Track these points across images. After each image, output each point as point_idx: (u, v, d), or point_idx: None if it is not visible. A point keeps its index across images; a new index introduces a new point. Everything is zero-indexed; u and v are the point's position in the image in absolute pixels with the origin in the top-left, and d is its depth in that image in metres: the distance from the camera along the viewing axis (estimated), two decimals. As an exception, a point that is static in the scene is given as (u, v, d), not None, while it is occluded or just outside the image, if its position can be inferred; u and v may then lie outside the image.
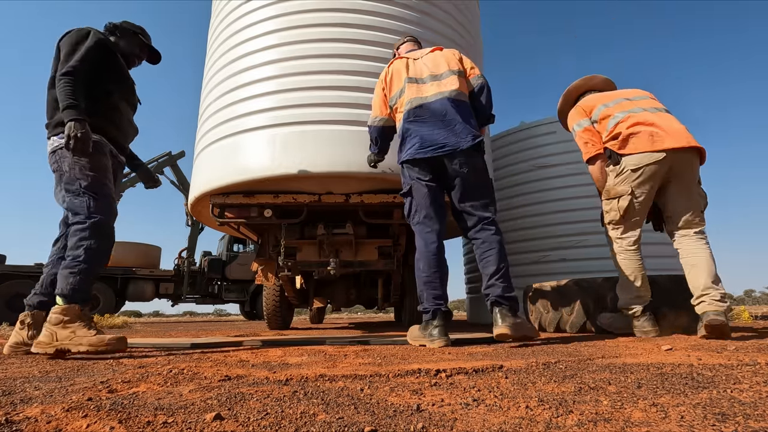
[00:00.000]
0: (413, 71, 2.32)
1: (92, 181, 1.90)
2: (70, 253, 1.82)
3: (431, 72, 2.29)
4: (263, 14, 3.15)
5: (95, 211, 1.86)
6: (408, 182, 2.22)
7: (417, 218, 2.18)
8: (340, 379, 1.13)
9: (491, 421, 0.72)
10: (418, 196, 2.18)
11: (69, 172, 1.89)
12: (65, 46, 1.97)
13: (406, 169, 2.23)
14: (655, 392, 0.91)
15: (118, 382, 1.12)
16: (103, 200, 1.91)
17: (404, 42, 2.65)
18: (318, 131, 2.82)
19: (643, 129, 2.24)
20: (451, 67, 2.28)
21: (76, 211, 1.86)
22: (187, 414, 0.78)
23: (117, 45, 2.21)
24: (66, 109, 1.82)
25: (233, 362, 1.52)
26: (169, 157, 12.31)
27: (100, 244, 1.86)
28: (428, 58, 2.36)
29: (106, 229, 1.90)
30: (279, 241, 3.40)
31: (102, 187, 1.93)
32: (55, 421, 0.74)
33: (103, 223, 1.88)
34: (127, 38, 2.27)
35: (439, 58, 2.34)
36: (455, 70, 2.27)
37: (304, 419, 0.74)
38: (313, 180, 2.85)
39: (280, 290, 4.39)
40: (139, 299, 10.38)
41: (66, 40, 1.98)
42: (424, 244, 2.13)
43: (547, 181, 4.58)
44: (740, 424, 0.68)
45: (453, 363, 1.36)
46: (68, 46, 1.95)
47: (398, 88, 2.32)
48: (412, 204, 2.22)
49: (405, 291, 4.24)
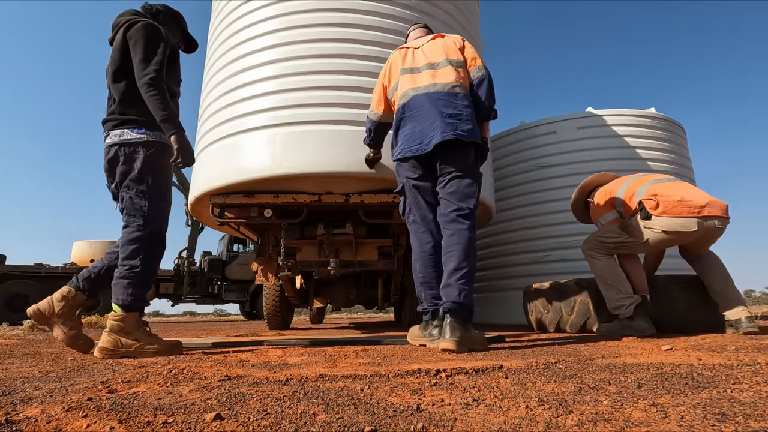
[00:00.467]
0: (410, 61, 2.23)
1: (158, 186, 1.90)
2: (126, 263, 1.80)
3: (428, 61, 2.18)
4: (263, 14, 3.15)
5: (153, 219, 1.86)
6: (401, 181, 2.17)
7: (411, 218, 2.14)
8: (340, 379, 1.13)
9: (491, 421, 0.72)
10: (411, 195, 2.13)
11: (138, 172, 1.85)
12: (139, 42, 1.86)
13: (399, 167, 2.17)
14: (655, 392, 0.91)
15: (118, 382, 1.12)
16: (161, 206, 1.92)
17: (414, 29, 2.55)
18: (318, 131, 2.82)
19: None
20: (449, 56, 2.17)
21: (133, 212, 1.84)
22: (187, 414, 0.78)
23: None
24: (164, 122, 1.80)
25: (233, 362, 1.52)
26: (169, 157, 12.30)
27: (155, 252, 1.87)
28: (428, 47, 2.24)
29: (160, 237, 1.91)
30: (279, 241, 3.40)
31: (165, 192, 1.95)
32: (55, 421, 0.74)
33: (157, 233, 1.88)
34: (168, 26, 2.13)
35: (437, 47, 2.22)
36: (454, 60, 2.16)
37: (304, 419, 0.74)
38: (313, 180, 2.85)
39: (280, 290, 4.39)
40: (139, 299, 10.36)
41: (137, 34, 1.87)
42: (419, 243, 2.08)
43: (547, 181, 4.58)
44: (740, 424, 0.68)
45: (453, 363, 1.36)
46: (143, 45, 1.85)
47: (395, 80, 2.25)
48: (406, 203, 2.17)
49: (405, 291, 4.24)
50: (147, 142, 1.87)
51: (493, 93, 2.18)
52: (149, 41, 1.87)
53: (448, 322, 1.76)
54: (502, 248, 4.87)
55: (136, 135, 1.86)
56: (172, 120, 1.81)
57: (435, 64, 2.16)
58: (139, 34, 1.87)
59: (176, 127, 1.82)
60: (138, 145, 1.86)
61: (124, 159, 1.86)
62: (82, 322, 1.93)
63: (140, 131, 1.87)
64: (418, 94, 2.10)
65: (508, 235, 4.82)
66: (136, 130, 1.87)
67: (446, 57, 2.17)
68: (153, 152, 1.88)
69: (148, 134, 1.88)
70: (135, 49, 1.86)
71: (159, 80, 1.82)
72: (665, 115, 4.80)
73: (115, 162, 1.87)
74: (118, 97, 1.90)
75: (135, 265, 1.79)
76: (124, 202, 1.86)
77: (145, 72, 1.81)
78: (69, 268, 9.58)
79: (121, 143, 1.86)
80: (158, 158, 1.90)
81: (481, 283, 5.17)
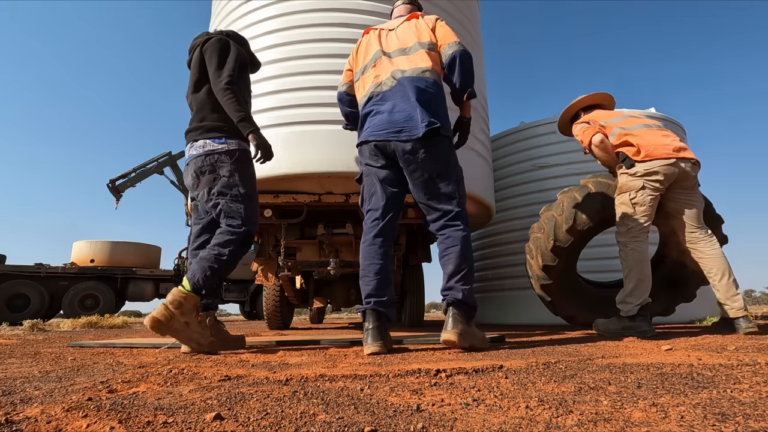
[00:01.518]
0: (384, 44, 2.08)
1: (248, 189, 1.98)
2: (216, 249, 1.87)
3: (400, 45, 2.04)
4: (263, 14, 3.15)
5: (249, 220, 1.94)
6: (360, 168, 2.04)
7: (365, 206, 1.98)
8: (340, 379, 1.13)
9: (491, 421, 0.72)
10: (368, 183, 1.98)
11: (228, 178, 1.94)
12: (213, 53, 1.99)
13: (360, 152, 2.02)
14: (655, 392, 0.91)
15: (118, 382, 1.12)
16: (254, 208, 2.01)
17: (398, 4, 2.33)
18: (318, 131, 2.82)
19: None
20: (421, 39, 2.01)
21: (231, 214, 1.92)
22: (187, 414, 0.78)
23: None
24: (241, 122, 1.91)
25: (233, 362, 1.52)
26: (169, 157, 12.31)
27: (242, 251, 1.93)
28: (401, 29, 2.10)
29: (251, 239, 1.98)
30: (279, 241, 3.40)
31: (255, 195, 2.03)
32: (55, 421, 0.74)
33: (251, 234, 1.95)
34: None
35: (409, 29, 2.07)
36: (425, 43, 2.00)
37: (304, 419, 0.74)
38: (313, 180, 2.85)
39: (280, 290, 4.39)
40: (139, 299, 10.37)
41: (211, 47, 2.02)
42: (365, 233, 1.94)
43: (547, 181, 4.58)
44: (740, 424, 0.68)
45: (453, 363, 1.36)
46: (217, 55, 1.99)
47: (362, 64, 2.11)
48: (363, 191, 2.01)
49: (405, 291, 4.24)
50: (229, 151, 1.97)
51: (466, 70, 1.97)
52: (222, 52, 2.01)
53: (451, 314, 1.75)
54: (502, 248, 4.87)
55: (218, 145, 1.96)
56: (249, 119, 1.93)
57: (406, 49, 2.02)
58: (213, 46, 2.02)
59: (253, 125, 1.94)
60: (222, 154, 1.96)
61: (211, 168, 1.96)
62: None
63: (221, 141, 1.97)
64: (386, 80, 1.96)
65: (508, 235, 4.82)
66: (217, 140, 1.97)
67: (418, 40, 2.02)
68: (237, 159, 1.98)
69: (228, 143, 1.98)
70: (210, 60, 2.00)
71: (233, 84, 1.94)
72: (665, 115, 4.80)
73: (202, 172, 1.97)
74: (198, 106, 2.02)
75: (223, 253, 1.86)
76: (219, 208, 1.94)
77: (220, 78, 1.94)
78: (69, 268, 9.59)
79: (206, 153, 1.96)
80: (242, 164, 2.00)
81: (481, 283, 5.16)
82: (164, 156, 12.23)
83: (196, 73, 2.04)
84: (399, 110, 1.88)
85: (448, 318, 1.75)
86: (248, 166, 2.03)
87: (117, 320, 5.91)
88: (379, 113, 1.93)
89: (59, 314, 9.99)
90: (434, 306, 44.72)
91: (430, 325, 5.00)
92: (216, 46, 2.02)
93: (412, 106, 1.86)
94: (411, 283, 4.12)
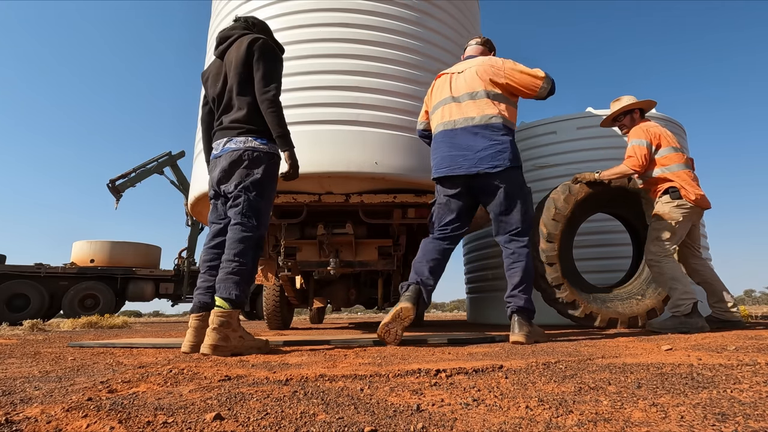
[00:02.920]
0: (454, 88, 2.38)
1: (271, 194, 2.03)
2: (237, 259, 1.86)
3: (468, 90, 2.33)
4: (263, 14, 3.15)
5: (263, 223, 1.97)
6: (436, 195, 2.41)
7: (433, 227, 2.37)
8: (340, 379, 1.13)
9: (491, 421, 0.72)
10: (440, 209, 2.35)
11: (260, 177, 1.96)
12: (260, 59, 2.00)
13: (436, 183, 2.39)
14: (655, 392, 0.91)
15: (118, 382, 1.12)
16: (269, 213, 2.04)
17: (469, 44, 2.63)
18: (318, 131, 2.82)
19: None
20: (486, 86, 2.30)
21: (250, 213, 1.93)
22: (187, 414, 0.78)
23: None
24: (279, 137, 1.97)
25: (233, 362, 1.52)
26: (169, 157, 12.31)
27: (257, 254, 1.95)
28: (468, 73, 2.37)
29: (263, 241, 2.01)
30: (279, 241, 3.40)
31: (272, 202, 2.06)
32: (55, 421, 0.74)
33: (263, 236, 1.98)
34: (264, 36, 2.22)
35: (474, 74, 2.35)
36: (489, 92, 2.29)
37: (304, 419, 0.74)
38: (313, 180, 2.85)
39: (280, 290, 4.39)
40: (139, 299, 10.37)
41: (260, 51, 2.01)
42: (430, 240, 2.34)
43: (547, 181, 4.58)
44: (740, 424, 0.68)
45: (453, 363, 1.36)
46: (266, 61, 2.01)
47: (434, 105, 2.47)
48: (434, 214, 2.39)
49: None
50: (269, 153, 2.01)
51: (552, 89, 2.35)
52: (272, 61, 2.03)
53: (517, 320, 2.12)
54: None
55: (260, 144, 1.99)
56: (287, 137, 1.98)
57: (474, 93, 2.32)
58: (261, 50, 2.01)
59: (289, 145, 1.99)
60: (262, 153, 1.99)
61: (249, 163, 1.97)
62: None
63: (263, 142, 2.00)
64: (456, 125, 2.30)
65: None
66: (260, 140, 2.00)
67: (483, 87, 2.30)
68: (273, 162, 2.02)
69: (270, 146, 2.01)
70: (257, 65, 2.00)
71: (278, 97, 1.98)
72: (665, 115, 4.80)
73: (238, 164, 1.98)
74: (245, 108, 2.02)
75: (245, 262, 1.87)
76: (238, 201, 1.95)
77: (267, 89, 1.97)
78: (69, 268, 9.58)
79: (246, 149, 1.98)
80: (275, 169, 2.04)
81: (480, 284, 5.16)
82: (164, 156, 12.23)
83: (241, 74, 2.01)
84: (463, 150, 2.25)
85: (514, 323, 2.12)
86: (278, 173, 2.06)
87: (117, 320, 5.91)
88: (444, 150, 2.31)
89: (59, 314, 9.99)
90: (434, 306, 44.69)
91: (431, 325, 5.00)
92: (266, 52, 2.01)
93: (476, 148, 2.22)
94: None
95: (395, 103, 2.96)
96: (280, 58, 2.09)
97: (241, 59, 2.01)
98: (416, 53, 3.12)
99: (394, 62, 3.03)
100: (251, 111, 2.01)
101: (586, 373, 1.16)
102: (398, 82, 3.01)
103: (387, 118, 2.91)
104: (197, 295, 2.01)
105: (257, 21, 2.22)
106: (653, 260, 2.79)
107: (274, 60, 2.04)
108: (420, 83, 3.07)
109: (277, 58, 2.06)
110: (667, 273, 2.73)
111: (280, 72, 2.06)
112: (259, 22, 2.22)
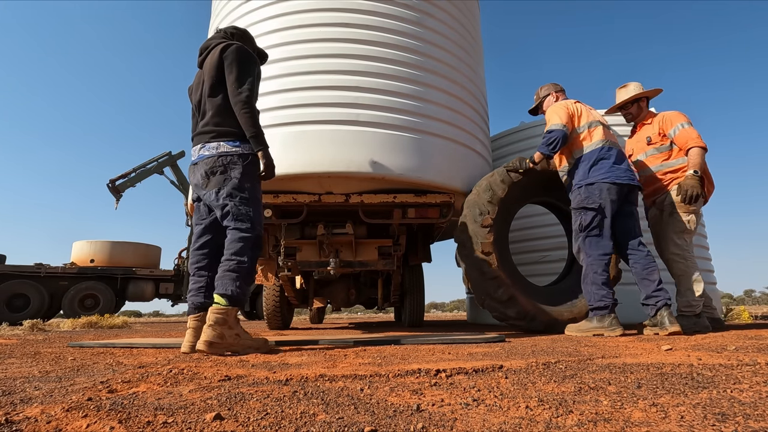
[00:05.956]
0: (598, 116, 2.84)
1: (256, 192, 2.02)
2: (234, 257, 1.88)
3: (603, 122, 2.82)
4: (263, 14, 3.15)
5: (257, 223, 1.97)
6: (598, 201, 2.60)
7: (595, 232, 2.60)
8: (340, 379, 1.13)
9: (491, 421, 0.72)
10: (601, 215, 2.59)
11: (238, 180, 1.96)
12: (234, 63, 2.01)
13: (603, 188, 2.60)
14: (655, 392, 0.91)
15: (118, 382, 1.12)
16: (261, 211, 2.04)
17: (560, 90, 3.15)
18: (318, 131, 2.82)
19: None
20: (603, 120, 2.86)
21: (240, 217, 1.94)
22: (187, 414, 0.78)
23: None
24: (253, 138, 1.96)
25: (233, 362, 1.52)
26: (169, 157, 12.30)
27: (257, 254, 1.96)
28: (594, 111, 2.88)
29: (261, 241, 2.02)
30: (279, 241, 3.40)
31: (260, 198, 2.06)
32: (55, 421, 0.74)
33: (260, 235, 1.99)
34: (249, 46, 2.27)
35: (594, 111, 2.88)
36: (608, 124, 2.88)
37: (304, 419, 0.74)
38: (313, 180, 2.85)
39: (280, 290, 4.38)
40: (139, 299, 10.37)
41: (232, 55, 2.02)
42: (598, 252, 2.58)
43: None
44: (740, 424, 0.68)
45: (453, 363, 1.36)
46: (238, 64, 2.01)
47: (586, 121, 2.79)
48: (594, 218, 2.60)
49: (405, 291, 4.24)
50: (242, 154, 2.00)
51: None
52: (243, 64, 2.03)
53: (666, 314, 2.39)
54: (502, 248, 4.86)
55: (232, 147, 1.99)
56: (260, 137, 1.98)
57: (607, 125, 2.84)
58: (235, 55, 2.03)
59: (263, 144, 1.99)
60: (235, 156, 1.98)
61: (223, 169, 1.98)
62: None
63: (235, 144, 1.99)
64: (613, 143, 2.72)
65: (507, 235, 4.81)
66: (231, 143, 2.00)
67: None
68: (248, 163, 2.00)
69: (242, 146, 2.00)
70: (230, 68, 2.01)
71: (251, 99, 1.98)
72: (665, 115, 4.80)
73: (213, 172, 1.99)
74: (214, 110, 2.03)
75: (243, 260, 1.88)
76: (226, 209, 1.96)
77: (240, 90, 1.97)
78: (69, 268, 9.58)
79: (219, 155, 1.99)
80: (253, 168, 2.03)
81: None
82: (164, 156, 12.23)
83: (213, 77, 2.04)
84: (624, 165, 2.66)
85: (664, 318, 2.38)
86: (257, 171, 2.06)
87: (117, 320, 5.91)
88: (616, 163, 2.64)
89: (59, 314, 9.98)
90: (434, 306, 44.64)
91: (430, 325, 5.00)
92: (238, 55, 2.02)
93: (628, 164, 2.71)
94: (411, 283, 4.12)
95: (395, 103, 2.96)
96: (254, 60, 2.09)
97: (214, 64, 2.04)
98: (416, 53, 3.12)
99: (394, 62, 3.03)
100: (221, 112, 2.02)
101: (586, 373, 1.16)
102: (398, 82, 3.01)
103: (387, 118, 2.91)
104: (190, 297, 2.02)
105: (237, 30, 2.24)
106: (679, 256, 2.74)
107: (247, 63, 2.04)
108: (420, 83, 3.07)
109: (250, 61, 2.05)
110: (690, 269, 2.70)
111: (253, 74, 2.05)
112: (239, 31, 2.24)
